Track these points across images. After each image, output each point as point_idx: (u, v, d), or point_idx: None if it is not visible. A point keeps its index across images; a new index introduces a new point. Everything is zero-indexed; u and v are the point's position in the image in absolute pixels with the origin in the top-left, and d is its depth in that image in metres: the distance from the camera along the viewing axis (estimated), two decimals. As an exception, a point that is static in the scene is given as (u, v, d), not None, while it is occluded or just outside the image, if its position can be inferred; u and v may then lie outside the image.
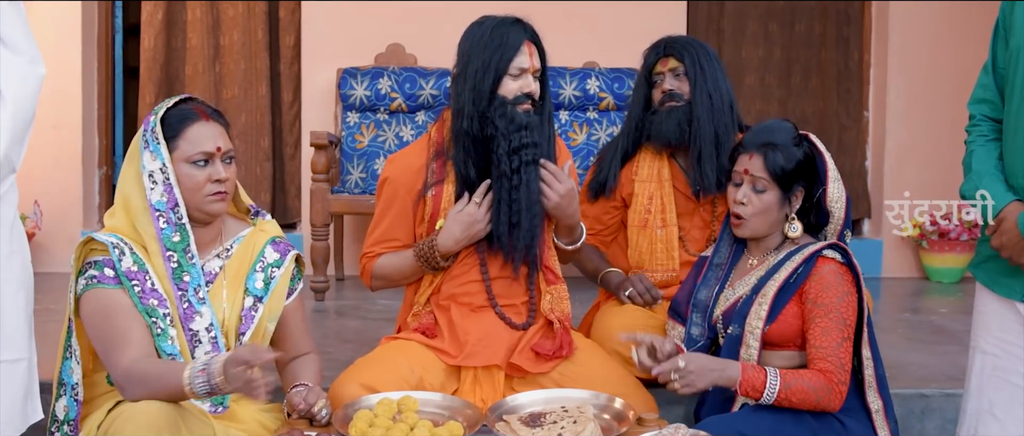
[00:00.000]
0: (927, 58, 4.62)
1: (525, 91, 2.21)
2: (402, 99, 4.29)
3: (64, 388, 1.96)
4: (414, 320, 2.32)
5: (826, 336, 2.02)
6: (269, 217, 2.16)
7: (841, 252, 2.10)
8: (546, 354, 2.23)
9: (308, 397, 2.01)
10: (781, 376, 1.99)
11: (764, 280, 2.12)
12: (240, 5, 4.84)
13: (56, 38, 4.37)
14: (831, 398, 2.00)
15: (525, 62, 2.22)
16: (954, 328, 3.37)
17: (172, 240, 1.94)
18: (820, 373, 2.01)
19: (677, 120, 2.46)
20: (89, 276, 1.92)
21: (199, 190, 1.96)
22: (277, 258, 2.08)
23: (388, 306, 3.62)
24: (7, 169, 1.77)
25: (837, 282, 2.06)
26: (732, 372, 2.00)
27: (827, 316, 2.03)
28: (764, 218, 2.15)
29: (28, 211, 4.25)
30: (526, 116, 2.21)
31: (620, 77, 4.35)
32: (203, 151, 1.96)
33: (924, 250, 4.54)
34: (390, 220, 2.31)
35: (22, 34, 1.78)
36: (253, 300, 2.04)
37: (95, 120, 4.71)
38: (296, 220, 4.83)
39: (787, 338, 2.09)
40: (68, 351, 1.97)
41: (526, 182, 2.20)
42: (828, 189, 2.14)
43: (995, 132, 2.04)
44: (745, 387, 2.00)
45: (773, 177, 2.12)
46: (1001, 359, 2.02)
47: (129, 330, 1.88)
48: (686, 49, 2.49)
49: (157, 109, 1.99)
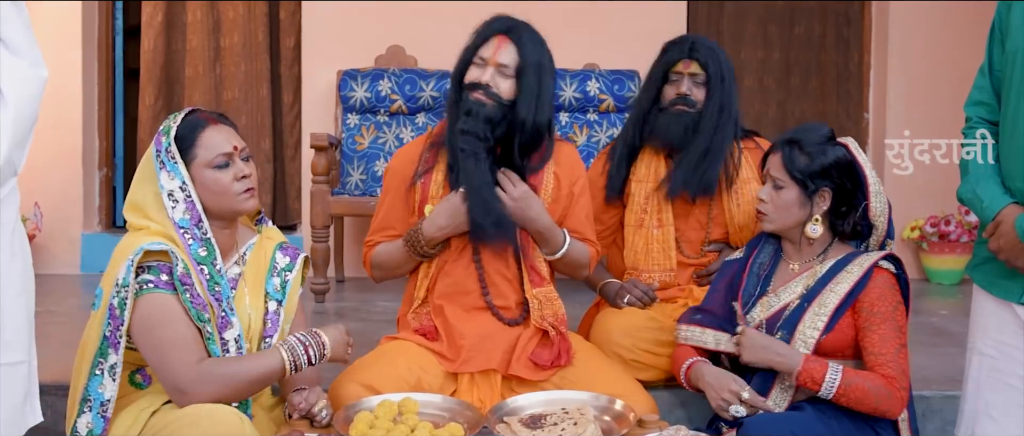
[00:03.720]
0: (927, 60, 4.62)
1: (482, 80, 2.22)
2: (402, 101, 4.30)
3: (89, 404, 1.90)
4: (414, 319, 2.33)
5: (885, 343, 2.04)
6: (270, 223, 2.19)
7: (895, 263, 2.12)
8: (544, 364, 2.24)
9: (309, 397, 2.02)
10: (843, 372, 2.01)
11: (816, 289, 2.11)
12: (240, 7, 4.85)
13: (56, 39, 4.39)
14: (892, 403, 2.01)
15: (487, 52, 2.23)
16: (954, 330, 3.37)
17: (200, 255, 1.94)
18: (883, 377, 2.02)
19: (684, 125, 2.46)
20: (143, 281, 1.89)
21: (228, 191, 1.97)
22: (288, 262, 2.11)
23: (388, 308, 3.62)
24: (9, 172, 1.77)
25: (891, 292, 2.09)
26: (792, 359, 2.03)
27: (884, 323, 2.05)
28: (784, 215, 2.15)
29: (28, 212, 4.25)
30: (474, 104, 2.21)
31: (620, 79, 4.35)
32: (222, 153, 1.97)
33: (924, 252, 4.54)
34: (387, 208, 2.36)
35: (24, 36, 1.77)
36: (276, 304, 2.07)
37: (95, 121, 4.72)
38: (296, 222, 4.84)
39: (838, 348, 2.09)
40: (99, 367, 1.89)
41: (463, 168, 2.21)
42: (871, 203, 2.14)
43: (992, 134, 2.04)
44: (804, 377, 2.01)
45: (790, 175, 2.12)
46: (998, 361, 2.02)
47: (190, 334, 1.88)
48: (711, 57, 2.46)
49: (166, 129, 1.98)
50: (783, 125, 4.91)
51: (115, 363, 1.88)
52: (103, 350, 1.89)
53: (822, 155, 2.12)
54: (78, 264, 4.57)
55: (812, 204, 2.14)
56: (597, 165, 2.67)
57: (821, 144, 2.13)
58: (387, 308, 3.63)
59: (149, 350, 1.89)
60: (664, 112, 2.49)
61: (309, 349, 1.94)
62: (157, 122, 4.94)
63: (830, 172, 2.12)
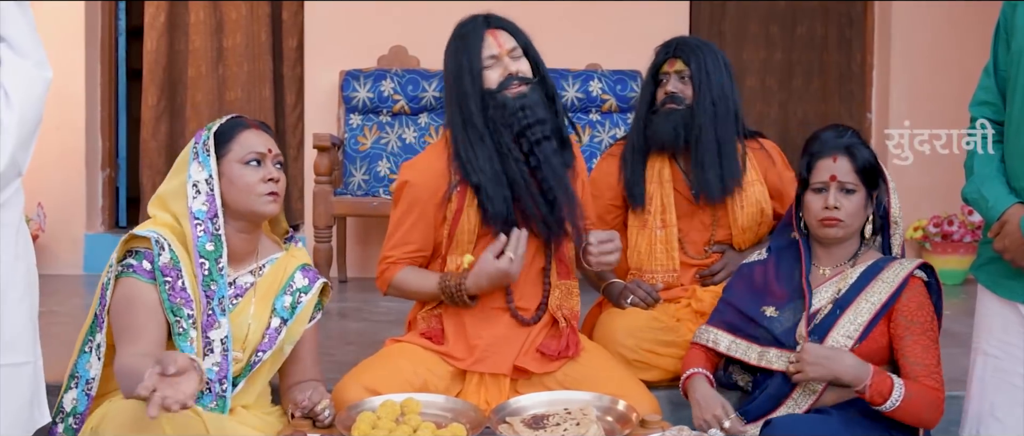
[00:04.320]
0: (930, 60, 4.62)
1: (507, 73, 2.19)
2: (405, 101, 4.30)
3: (76, 381, 1.96)
4: (423, 322, 2.30)
5: (928, 354, 2.03)
6: (301, 245, 2.19)
7: (927, 272, 2.12)
8: (552, 354, 2.23)
9: (312, 396, 2.02)
10: (906, 388, 1.98)
11: (850, 296, 2.09)
12: (243, 7, 4.85)
13: (60, 40, 4.39)
14: (932, 415, 2.00)
15: (493, 49, 2.20)
16: (957, 330, 3.36)
17: (206, 249, 1.95)
18: (930, 389, 2.01)
19: (673, 124, 2.46)
20: (126, 264, 1.93)
21: (252, 190, 1.98)
22: (306, 284, 2.11)
23: (391, 309, 3.62)
24: (13, 173, 1.77)
25: (928, 301, 2.08)
26: (861, 372, 1.98)
27: (926, 334, 2.04)
28: (856, 219, 2.13)
29: (31, 213, 4.26)
30: (519, 98, 2.18)
31: (623, 79, 4.35)
32: (256, 151, 2.00)
33: (927, 252, 4.54)
34: (409, 225, 2.27)
35: (29, 37, 1.77)
36: (280, 321, 2.06)
37: (98, 122, 4.72)
38: (299, 222, 4.84)
39: (869, 355, 2.07)
40: (88, 345, 1.96)
41: (545, 159, 2.17)
42: (890, 199, 2.14)
43: (997, 135, 2.04)
44: (872, 392, 1.98)
45: (860, 177, 2.11)
46: (1003, 361, 2.02)
47: (145, 327, 1.89)
48: (694, 53, 2.47)
49: (210, 125, 2.04)
50: (785, 126, 4.90)
51: (100, 342, 1.93)
52: (92, 328, 1.95)
53: (870, 154, 2.13)
54: (81, 264, 4.58)
55: (871, 203, 2.14)
56: (602, 165, 2.67)
57: (862, 143, 2.14)
58: (390, 309, 3.63)
59: (114, 331, 1.92)
60: (657, 114, 2.50)
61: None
62: (160, 123, 4.95)
63: (879, 170, 2.14)
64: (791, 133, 4.87)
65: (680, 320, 2.48)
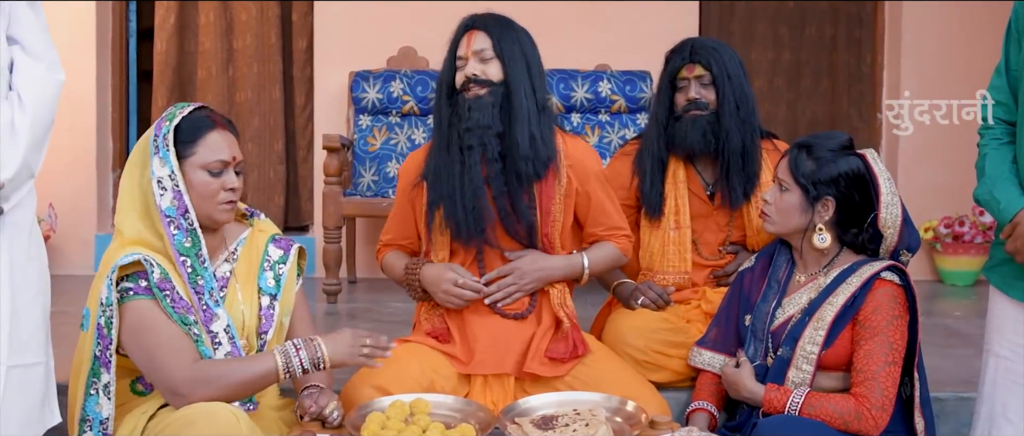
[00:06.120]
0: (940, 60, 4.60)
1: (465, 76, 2.21)
2: (414, 102, 4.30)
3: (89, 423, 1.90)
4: (427, 321, 2.32)
5: (869, 360, 2.01)
6: (263, 216, 2.17)
7: (899, 274, 2.08)
8: (561, 358, 2.23)
9: (319, 399, 2.03)
10: (805, 398, 2.01)
11: (818, 302, 2.09)
12: (253, 8, 4.86)
13: (70, 41, 4.40)
14: (862, 423, 1.98)
15: (462, 49, 2.24)
16: (968, 331, 3.35)
17: (184, 245, 1.93)
18: (852, 398, 2.00)
19: (702, 130, 2.45)
20: (123, 289, 1.89)
21: (213, 198, 1.96)
22: (281, 255, 2.10)
23: (400, 309, 3.63)
24: (26, 175, 1.78)
25: (889, 304, 2.04)
26: (757, 394, 2.08)
27: (873, 339, 2.02)
28: (785, 218, 2.14)
29: (42, 214, 4.28)
30: (472, 100, 2.20)
31: (632, 79, 4.35)
32: (222, 159, 1.97)
33: (938, 253, 4.52)
34: (393, 211, 2.41)
35: (42, 40, 1.78)
36: (269, 299, 2.05)
37: (109, 123, 4.74)
38: (308, 223, 4.85)
39: (841, 363, 2.07)
40: (93, 387, 1.90)
41: (469, 166, 2.18)
42: (880, 214, 2.08)
43: (1008, 135, 2.03)
44: (767, 408, 2.05)
45: (794, 179, 2.11)
46: (1014, 362, 2.01)
47: (179, 337, 1.87)
48: (713, 56, 2.46)
49: (170, 115, 1.98)
50: (794, 126, 4.89)
51: (108, 382, 1.89)
52: (95, 370, 1.90)
53: (831, 164, 2.09)
54: (91, 265, 4.59)
55: (813, 211, 2.12)
56: (614, 166, 2.65)
57: (833, 152, 2.10)
58: (399, 309, 3.63)
59: (140, 356, 1.88)
60: (680, 120, 2.48)
61: (301, 352, 1.91)
62: (170, 124, 4.95)
63: (837, 182, 2.09)
64: (800, 134, 4.81)
65: (690, 321, 2.48)
